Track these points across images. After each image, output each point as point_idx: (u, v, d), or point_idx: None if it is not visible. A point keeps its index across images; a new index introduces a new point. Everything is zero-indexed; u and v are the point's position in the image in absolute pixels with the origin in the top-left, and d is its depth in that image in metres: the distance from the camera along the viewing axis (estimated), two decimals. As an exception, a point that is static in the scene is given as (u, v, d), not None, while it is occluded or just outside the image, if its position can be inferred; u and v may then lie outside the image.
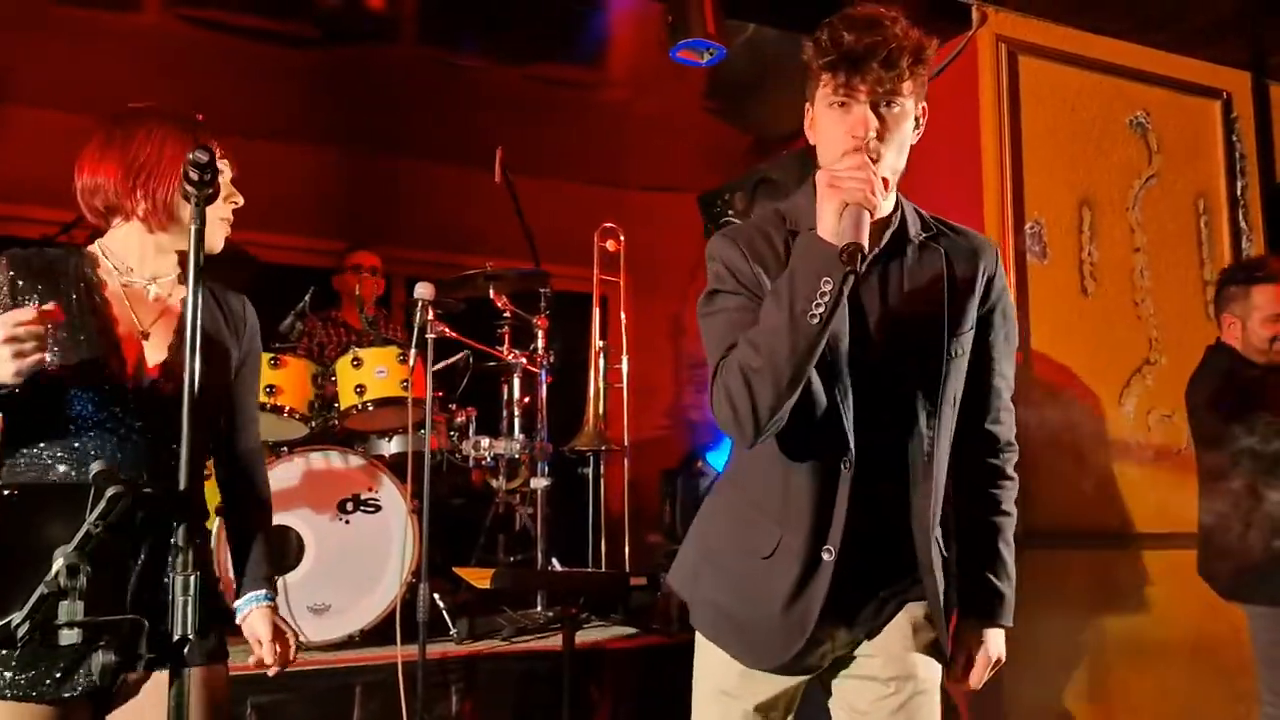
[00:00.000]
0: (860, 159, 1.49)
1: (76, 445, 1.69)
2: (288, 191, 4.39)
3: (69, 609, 1.32)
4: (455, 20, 4.22)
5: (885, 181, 1.53)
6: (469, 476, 4.32)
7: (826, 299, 1.43)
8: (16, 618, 1.32)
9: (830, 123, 1.56)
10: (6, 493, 1.43)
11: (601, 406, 3.75)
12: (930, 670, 1.72)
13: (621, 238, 3.93)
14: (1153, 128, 4.33)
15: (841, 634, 1.69)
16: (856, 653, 1.73)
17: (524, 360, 3.93)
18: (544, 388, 3.93)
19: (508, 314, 3.97)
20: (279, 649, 1.87)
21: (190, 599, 1.41)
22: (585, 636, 3.44)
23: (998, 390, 1.76)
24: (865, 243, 1.43)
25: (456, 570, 3.21)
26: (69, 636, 1.31)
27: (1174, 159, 4.35)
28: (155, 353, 1.78)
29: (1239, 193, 4.47)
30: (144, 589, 1.69)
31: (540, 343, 3.93)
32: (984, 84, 4.03)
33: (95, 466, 1.39)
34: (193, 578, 1.41)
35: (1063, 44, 4.16)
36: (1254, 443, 3.38)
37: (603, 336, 3.86)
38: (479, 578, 3.07)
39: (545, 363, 3.91)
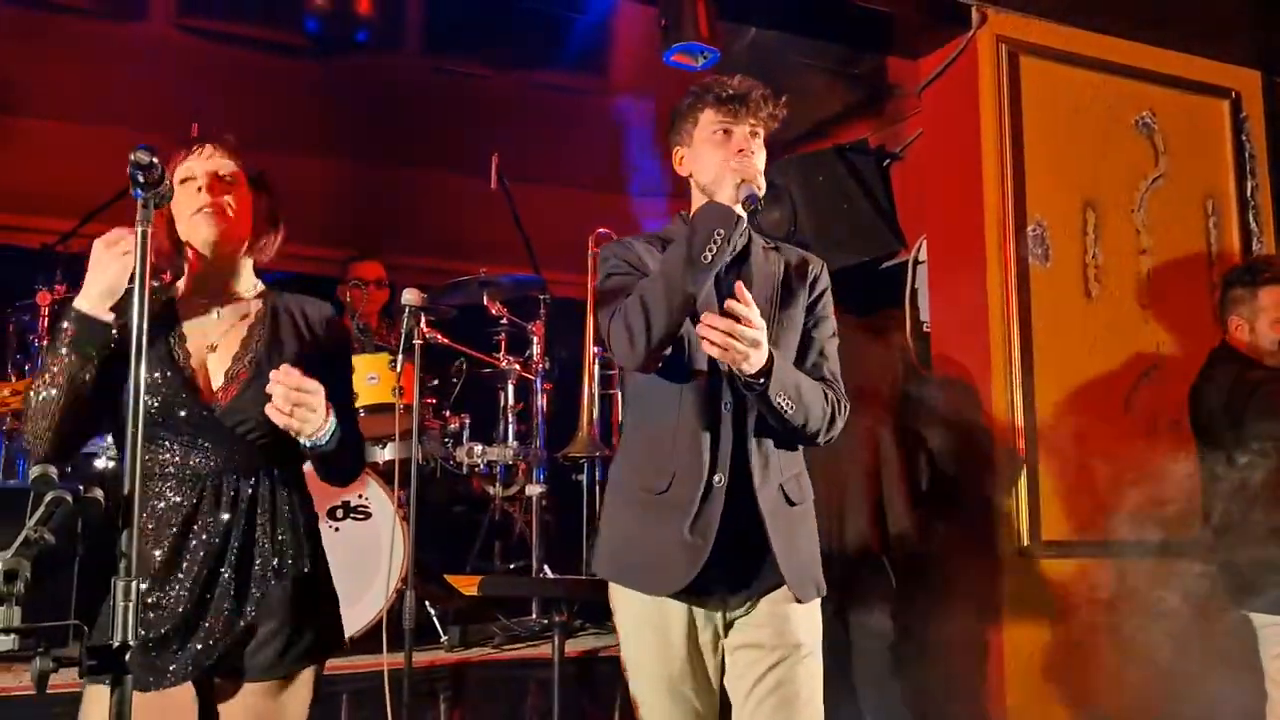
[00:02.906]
0: (751, 158, 2.00)
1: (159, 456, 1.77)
2: (287, 200, 4.39)
3: (5, 614, 1.31)
4: (452, 29, 4.23)
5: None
6: (468, 483, 4.31)
7: (717, 244, 1.86)
8: (-44, 623, 1.31)
9: (714, 147, 2.03)
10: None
11: (596, 413, 3.72)
12: (811, 638, 2.03)
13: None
14: (1159, 128, 4.26)
15: (735, 570, 1.97)
16: (744, 622, 2.01)
17: (518, 367, 3.91)
18: (540, 394, 3.91)
19: (503, 320, 3.96)
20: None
21: (131, 605, 1.41)
22: (578, 644, 3.41)
23: (817, 366, 2.14)
24: (761, 200, 1.93)
25: (446, 577, 3.19)
26: (4, 643, 1.30)
27: (1181, 159, 4.28)
28: (220, 365, 1.86)
29: (1249, 193, 4.39)
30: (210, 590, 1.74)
31: (536, 349, 3.91)
32: (984, 85, 3.98)
33: (35, 471, 1.39)
34: (134, 584, 1.41)
35: (1065, 44, 4.11)
36: (1263, 447, 3.31)
37: (597, 343, 3.84)
38: (467, 585, 3.05)
39: (541, 369, 3.89)
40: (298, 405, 1.69)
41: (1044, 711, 3.68)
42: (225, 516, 1.77)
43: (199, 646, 1.73)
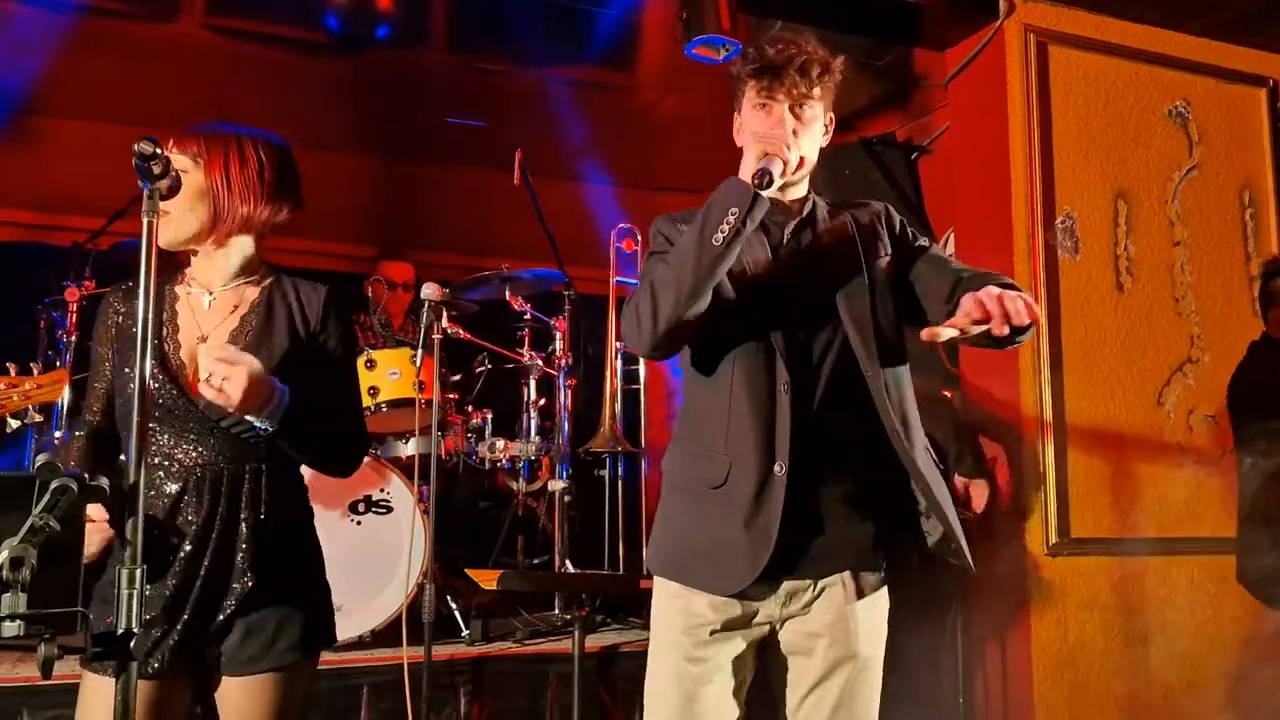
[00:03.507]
0: (783, 129, 1.82)
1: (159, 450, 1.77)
2: (312, 197, 4.43)
3: (10, 601, 1.32)
4: (476, 25, 4.24)
5: (801, 161, 1.84)
6: (491, 479, 4.32)
7: (731, 224, 1.71)
8: (-37, 609, 1.32)
9: (755, 122, 1.86)
10: (-45, 486, 1.44)
11: (618, 408, 3.71)
12: (872, 647, 1.88)
13: (639, 238, 3.89)
14: (1193, 117, 4.18)
15: (802, 562, 1.82)
16: (801, 626, 1.86)
17: (541, 362, 3.91)
18: (563, 390, 3.91)
19: (527, 315, 3.96)
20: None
21: (135, 592, 1.42)
22: (599, 639, 3.40)
23: (943, 274, 1.93)
24: (776, 177, 1.73)
25: (467, 571, 3.20)
26: (10, 629, 1.32)
27: (1216, 149, 4.19)
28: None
29: (1287, 184, 4.29)
30: (208, 582, 1.74)
31: (559, 344, 3.91)
32: (1012, 75, 3.92)
33: (40, 459, 1.40)
34: (138, 571, 1.42)
35: (1095, 33, 4.04)
36: None
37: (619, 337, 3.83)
38: (488, 579, 3.06)
39: (564, 364, 3.88)
40: (226, 379, 1.63)
41: (1073, 710, 3.62)
42: (207, 509, 1.75)
43: (174, 640, 1.71)
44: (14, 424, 3.35)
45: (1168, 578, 3.80)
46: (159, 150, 1.46)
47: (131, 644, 1.41)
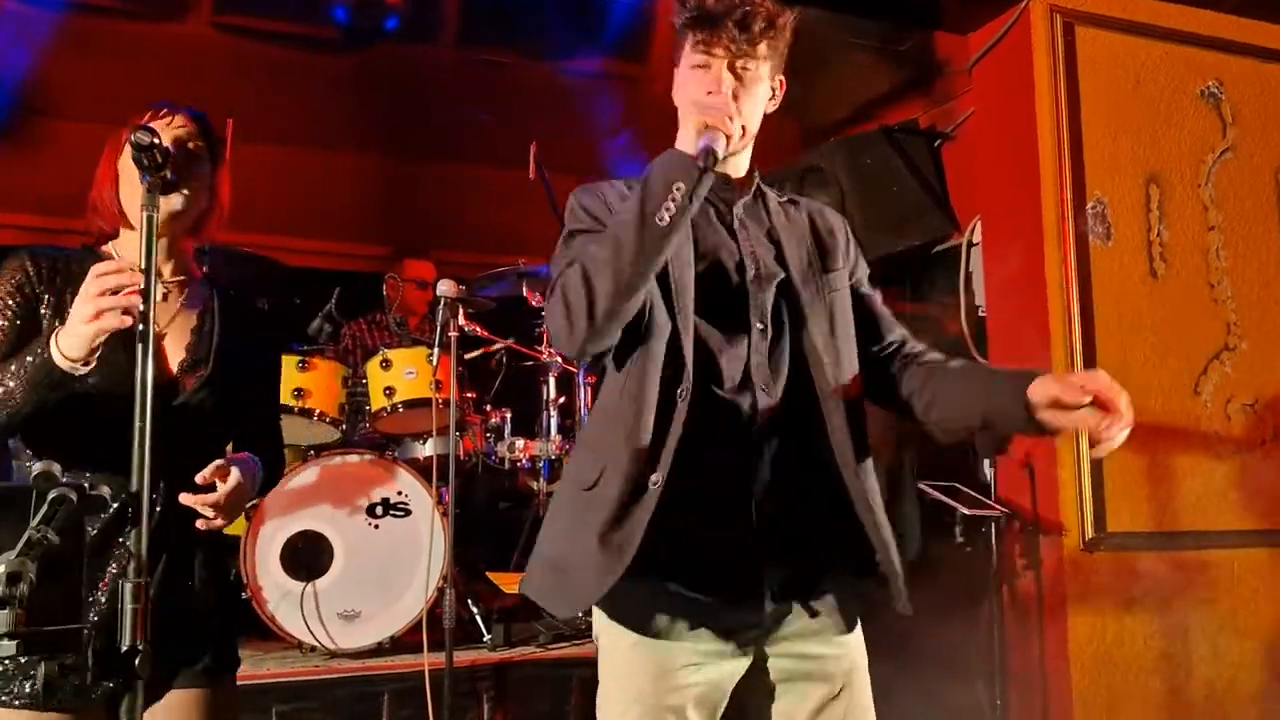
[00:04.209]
0: (723, 96, 1.60)
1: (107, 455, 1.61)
2: (323, 196, 4.39)
3: (6, 618, 1.25)
4: (486, 18, 4.17)
5: (744, 131, 1.63)
6: (513, 478, 4.25)
7: (676, 202, 1.50)
8: (-41, 627, 1.25)
9: (692, 84, 1.65)
10: (-50, 499, 1.37)
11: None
12: (861, 653, 1.72)
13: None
14: (1227, 98, 4.06)
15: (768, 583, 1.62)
16: (790, 646, 1.67)
17: (560, 359, 3.83)
18: (583, 387, 3.83)
19: (544, 312, 3.89)
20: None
21: (140, 608, 1.35)
22: (624, 643, 3.32)
23: (883, 315, 1.84)
24: (720, 153, 1.52)
25: (490, 575, 3.13)
26: (5, 648, 1.25)
27: (1251, 131, 4.08)
28: (174, 352, 1.75)
29: (1325, 165, 4.16)
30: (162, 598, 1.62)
31: (578, 341, 3.83)
32: (1038, 58, 3.82)
33: (37, 467, 1.33)
34: (144, 585, 1.35)
35: (1123, 12, 3.93)
36: None
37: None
38: (509, 582, 2.99)
39: (583, 361, 3.81)
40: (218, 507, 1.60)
41: (1113, 709, 3.52)
42: (158, 522, 1.62)
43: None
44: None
45: (1208, 572, 3.69)
46: (156, 140, 1.40)
47: (135, 661, 1.34)
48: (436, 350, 3.06)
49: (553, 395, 3.88)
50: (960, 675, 3.59)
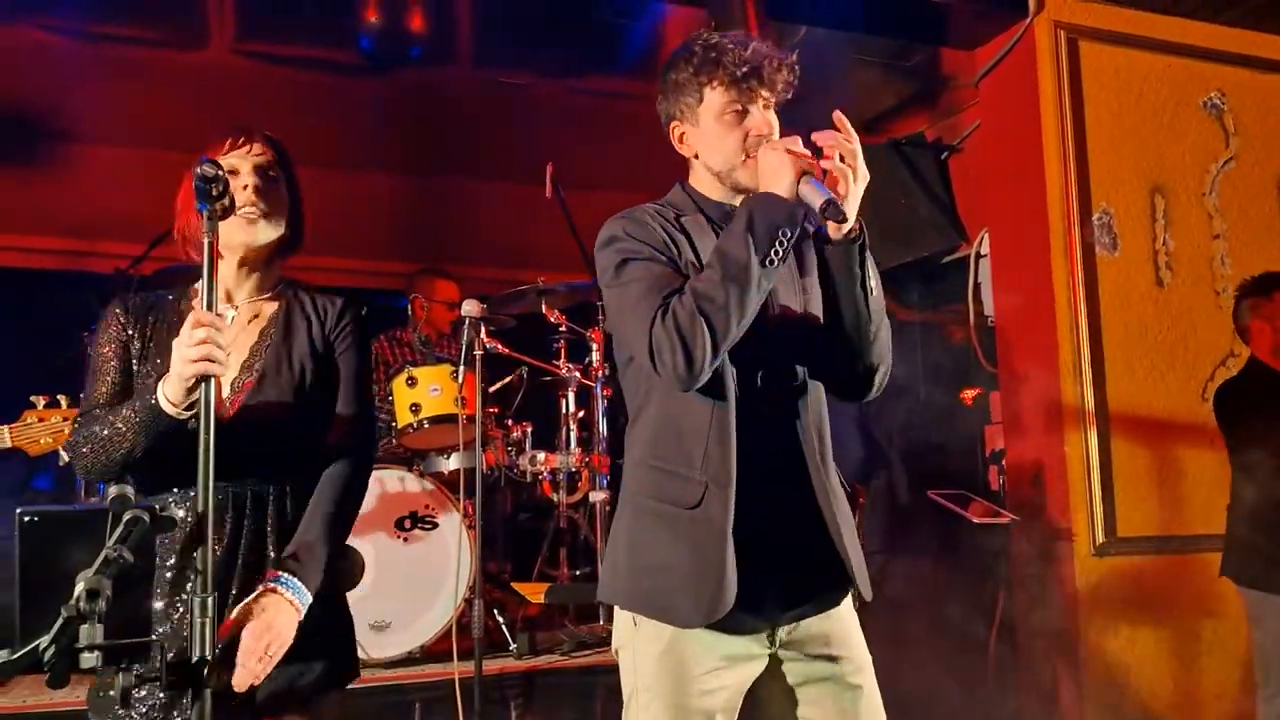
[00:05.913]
0: (789, 141, 1.67)
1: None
2: (345, 216, 4.48)
3: (89, 632, 1.34)
4: (503, 40, 4.26)
5: None
6: (533, 491, 4.33)
7: (783, 246, 1.61)
8: (44, 641, 1.34)
9: (727, 129, 1.74)
10: (27, 519, 1.45)
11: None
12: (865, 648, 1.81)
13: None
14: (1229, 108, 4.14)
15: (782, 586, 1.72)
16: (805, 648, 1.75)
17: (578, 374, 3.92)
18: (600, 400, 3.91)
19: (562, 328, 3.97)
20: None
21: (209, 621, 1.43)
22: (646, 650, 3.40)
23: None
24: (841, 202, 1.60)
25: (515, 586, 3.21)
26: (89, 660, 1.33)
27: (1253, 140, 4.16)
28: (230, 370, 1.74)
29: (1327, 173, 4.24)
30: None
31: (595, 355, 3.92)
32: (1043, 72, 3.91)
33: (113, 490, 1.42)
34: (210, 599, 1.43)
35: (1126, 26, 4.01)
36: None
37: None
38: (534, 592, 3.07)
39: (601, 375, 3.89)
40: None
41: (1125, 713, 3.58)
42: (230, 531, 1.69)
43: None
44: (65, 456, 3.37)
45: (1217, 575, 3.75)
46: (220, 173, 1.49)
47: (204, 672, 1.43)
48: (462, 368, 3.14)
49: (572, 409, 3.96)
50: (973, 679, 3.65)
